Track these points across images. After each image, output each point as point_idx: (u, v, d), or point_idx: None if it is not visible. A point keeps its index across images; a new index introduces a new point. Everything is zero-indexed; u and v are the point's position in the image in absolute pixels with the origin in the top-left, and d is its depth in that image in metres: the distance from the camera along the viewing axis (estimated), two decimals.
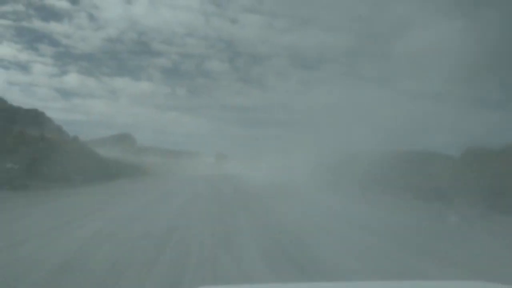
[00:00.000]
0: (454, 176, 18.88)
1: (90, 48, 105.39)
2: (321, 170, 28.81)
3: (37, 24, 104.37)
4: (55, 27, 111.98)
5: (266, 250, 7.65)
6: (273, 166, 33.55)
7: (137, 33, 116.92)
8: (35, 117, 60.95)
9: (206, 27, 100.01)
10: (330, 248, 8.00)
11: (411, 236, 10.20)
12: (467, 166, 20.13)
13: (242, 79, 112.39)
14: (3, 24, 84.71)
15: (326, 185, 23.47)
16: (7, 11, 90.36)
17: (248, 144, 43.95)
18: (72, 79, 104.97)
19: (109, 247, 7.43)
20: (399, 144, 28.01)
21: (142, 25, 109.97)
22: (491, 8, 44.66)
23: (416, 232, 10.78)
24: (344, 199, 18.29)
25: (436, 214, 13.94)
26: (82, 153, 18.64)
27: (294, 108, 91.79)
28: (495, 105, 55.06)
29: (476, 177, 17.64)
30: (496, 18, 46.34)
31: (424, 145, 28.41)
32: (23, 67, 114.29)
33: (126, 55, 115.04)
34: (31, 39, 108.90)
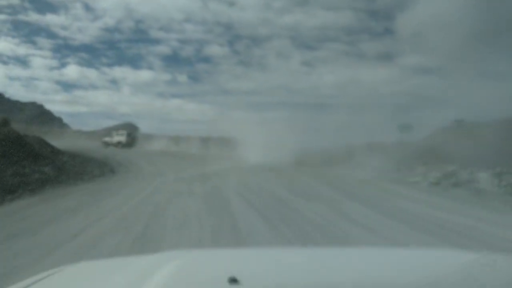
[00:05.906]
0: None
1: (88, 39, 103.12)
2: None
3: (34, 17, 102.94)
4: (51, 19, 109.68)
5: None
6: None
7: (135, 21, 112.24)
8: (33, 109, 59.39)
9: (204, 12, 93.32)
10: None
11: None
12: None
13: (243, 63, 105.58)
14: None
15: None
16: (2, 5, 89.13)
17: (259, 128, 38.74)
18: (72, 71, 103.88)
19: None
20: None
21: (139, 12, 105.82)
22: None
23: None
24: None
25: None
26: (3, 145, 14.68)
27: (300, 88, 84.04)
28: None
29: None
30: None
31: None
32: (22, 62, 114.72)
33: (125, 44, 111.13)
34: (29, 33, 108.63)
